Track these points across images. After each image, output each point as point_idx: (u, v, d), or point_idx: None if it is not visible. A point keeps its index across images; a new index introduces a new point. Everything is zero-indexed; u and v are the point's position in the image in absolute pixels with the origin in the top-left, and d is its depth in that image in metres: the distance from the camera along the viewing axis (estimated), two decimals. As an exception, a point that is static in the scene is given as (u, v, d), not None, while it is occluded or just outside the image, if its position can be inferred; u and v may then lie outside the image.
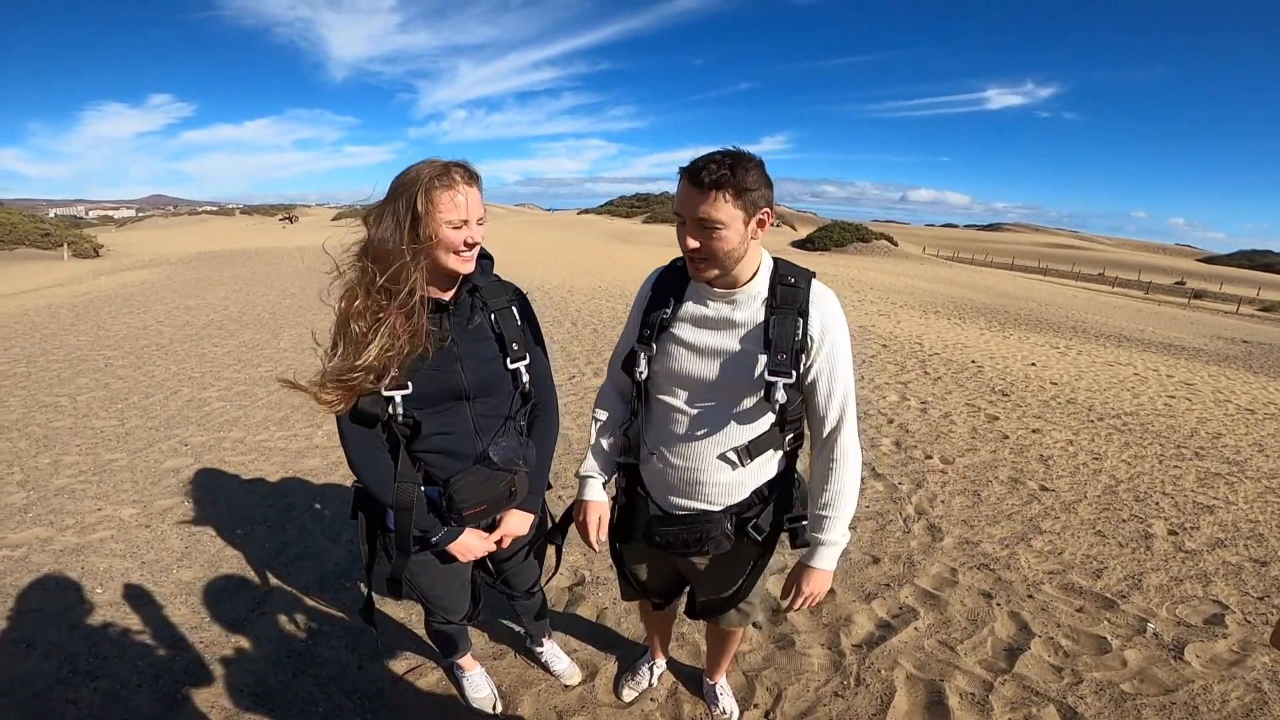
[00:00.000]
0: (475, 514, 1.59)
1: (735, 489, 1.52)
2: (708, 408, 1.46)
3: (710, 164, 1.25)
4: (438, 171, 1.35)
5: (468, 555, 1.64)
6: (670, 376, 1.48)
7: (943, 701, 2.23)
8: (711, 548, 1.53)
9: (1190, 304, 30.55)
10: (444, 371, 1.49)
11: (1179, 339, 13.54)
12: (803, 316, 1.38)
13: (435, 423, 1.52)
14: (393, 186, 1.37)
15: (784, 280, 1.41)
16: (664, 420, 1.51)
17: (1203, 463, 4.73)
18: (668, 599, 1.89)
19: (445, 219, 1.36)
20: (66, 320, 8.84)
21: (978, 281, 26.29)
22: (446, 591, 1.77)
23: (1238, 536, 3.54)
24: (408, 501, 1.51)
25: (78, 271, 17.69)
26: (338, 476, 3.94)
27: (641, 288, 1.56)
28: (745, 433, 1.46)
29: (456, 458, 1.56)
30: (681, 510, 1.55)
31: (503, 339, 1.58)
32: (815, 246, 41.20)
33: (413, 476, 1.52)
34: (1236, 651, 2.55)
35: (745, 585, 1.66)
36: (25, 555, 2.99)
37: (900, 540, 3.33)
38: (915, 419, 5.42)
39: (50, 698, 2.15)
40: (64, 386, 5.69)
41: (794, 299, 1.39)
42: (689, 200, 1.29)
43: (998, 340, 10.19)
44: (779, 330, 1.36)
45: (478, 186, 1.42)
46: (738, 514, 1.53)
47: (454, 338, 1.50)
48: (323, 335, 1.51)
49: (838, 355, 1.42)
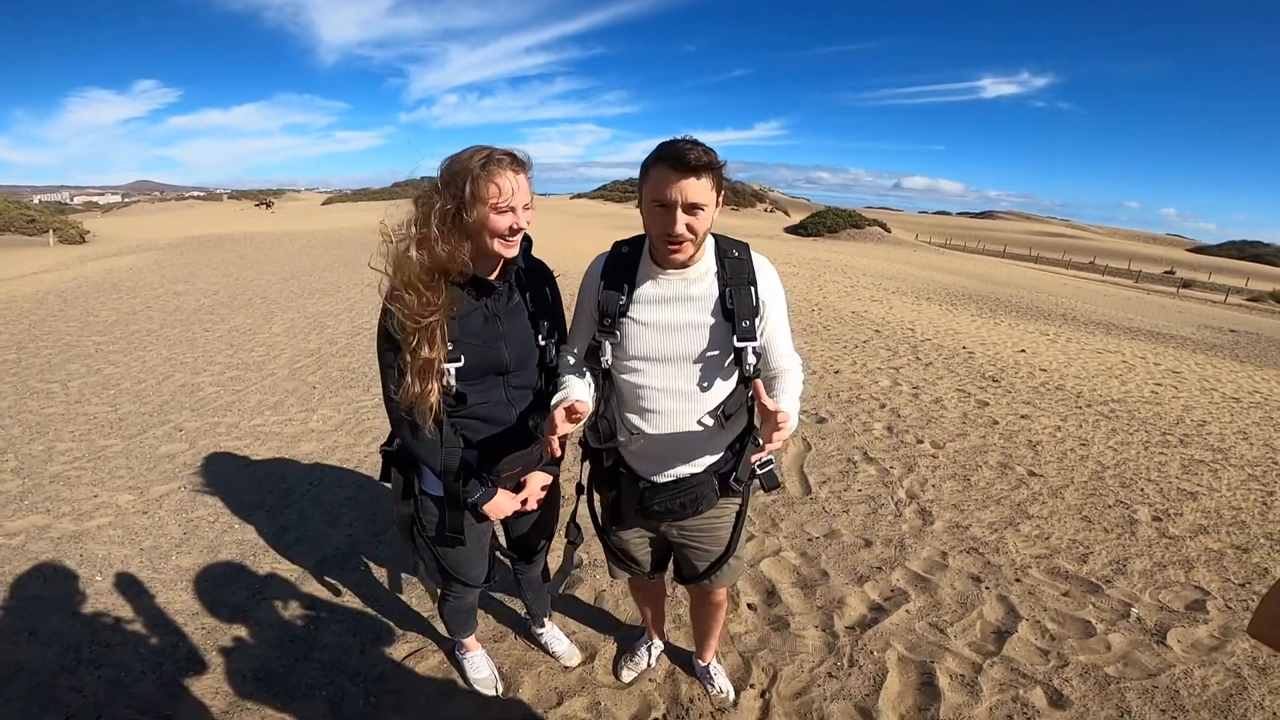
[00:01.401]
0: (510, 475, 1.73)
1: (713, 448, 1.62)
2: (678, 381, 1.54)
3: (693, 148, 1.33)
4: (486, 159, 1.42)
5: (499, 514, 1.73)
6: (638, 358, 1.55)
7: (933, 683, 2.28)
8: (705, 506, 1.65)
9: (1179, 293, 30.81)
10: (491, 348, 1.60)
11: (1167, 328, 13.68)
12: (753, 285, 1.51)
13: (476, 393, 1.63)
14: (444, 172, 1.44)
15: (728, 254, 1.53)
16: (637, 399, 1.58)
17: (1187, 450, 4.81)
18: (656, 570, 1.94)
19: (492, 204, 1.43)
20: (55, 306, 8.75)
21: (970, 269, 26.41)
22: (468, 557, 1.87)
23: (1220, 523, 3.61)
24: (453, 466, 1.63)
25: (64, 258, 17.49)
26: (334, 460, 3.95)
27: (588, 277, 1.62)
28: (717, 396, 1.55)
29: (492, 424, 1.67)
30: (670, 478, 1.63)
31: (536, 317, 1.68)
32: (809, 232, 41.21)
33: (455, 442, 1.62)
34: (1217, 637, 2.61)
35: (733, 539, 1.75)
36: (23, 543, 3.00)
37: (892, 524, 3.39)
38: (907, 404, 5.47)
39: (55, 686, 2.16)
40: (55, 373, 5.66)
41: (742, 270, 1.51)
42: (679, 184, 1.35)
43: (988, 327, 10.27)
44: (738, 301, 1.48)
45: (525, 174, 1.49)
46: (717, 471, 1.63)
47: (499, 315, 1.61)
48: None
49: (781, 310, 1.58)
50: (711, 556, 1.77)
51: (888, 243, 39.39)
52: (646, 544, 1.85)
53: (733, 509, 1.73)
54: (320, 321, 7.79)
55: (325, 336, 7.11)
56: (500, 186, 1.42)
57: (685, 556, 1.82)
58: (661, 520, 1.69)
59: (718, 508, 1.69)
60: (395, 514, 1.80)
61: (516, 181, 1.45)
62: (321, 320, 7.86)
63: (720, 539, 1.75)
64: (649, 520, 1.72)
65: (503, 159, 1.44)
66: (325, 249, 16.82)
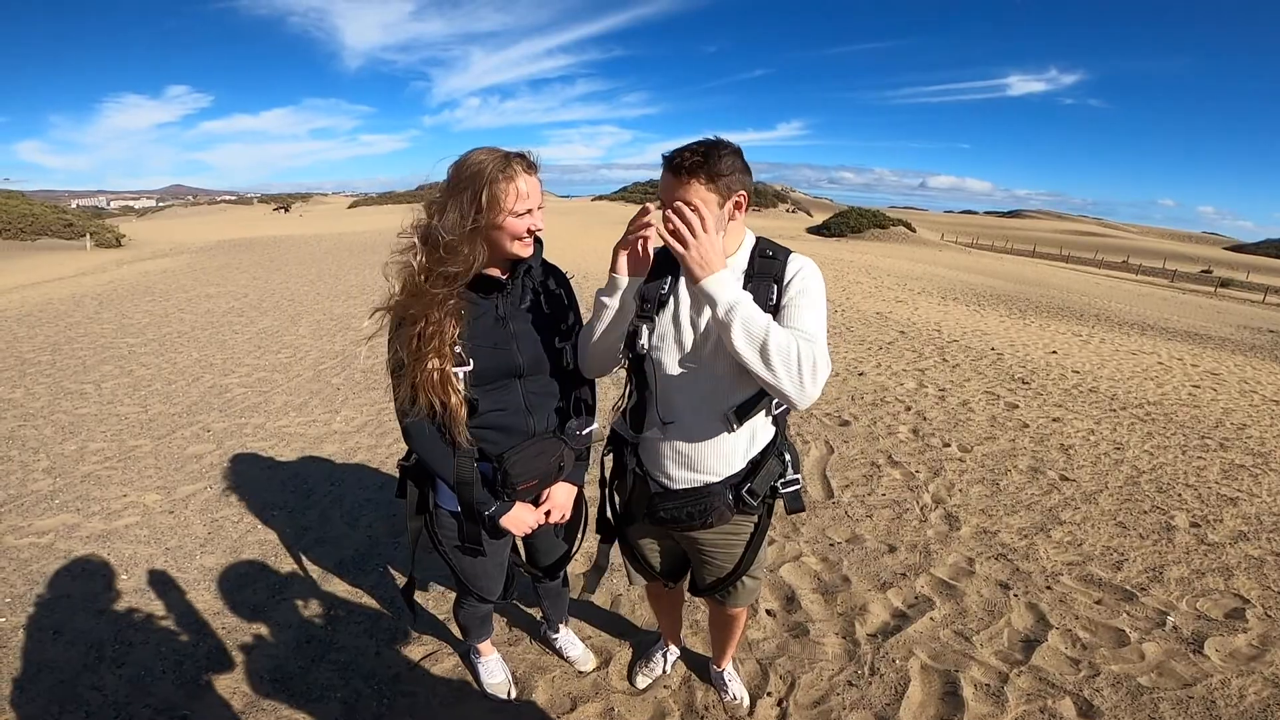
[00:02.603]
0: (528, 488, 1.66)
1: (732, 458, 1.56)
2: (701, 377, 1.50)
3: (685, 152, 1.35)
4: (501, 163, 1.40)
5: (520, 528, 1.69)
6: (669, 351, 1.52)
7: (957, 692, 2.22)
8: (715, 519, 1.59)
9: (1217, 293, 29.94)
10: (501, 349, 1.55)
11: (1205, 328, 13.29)
12: (777, 282, 1.45)
13: (490, 400, 1.58)
14: (455, 177, 1.42)
15: (763, 254, 1.49)
16: (664, 393, 1.55)
17: (1227, 454, 4.65)
18: (673, 578, 1.91)
19: (510, 208, 1.41)
20: (90, 309, 8.99)
21: (997, 268, 25.94)
22: (485, 571, 1.83)
23: (1260, 530, 3.48)
24: (467, 477, 1.58)
25: (100, 261, 17.96)
26: (356, 461, 3.98)
27: None
28: (735, 397, 1.50)
29: (509, 434, 1.61)
30: (682, 485, 1.59)
31: (552, 318, 1.64)
32: (832, 233, 40.78)
33: (469, 453, 1.58)
34: (1256, 646, 2.51)
35: (747, 557, 1.70)
36: (52, 542, 3.06)
37: (917, 529, 3.31)
38: (933, 406, 5.37)
39: (77, 684, 2.20)
40: (88, 374, 5.80)
41: (770, 268, 1.47)
42: (669, 187, 1.38)
43: (1018, 327, 10.06)
44: (755, 295, 1.41)
45: (537, 175, 1.48)
46: (734, 484, 1.58)
47: (509, 316, 1.57)
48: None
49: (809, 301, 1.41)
50: (721, 572, 1.73)
51: (913, 242, 38.84)
52: (657, 550, 1.82)
53: (748, 527, 1.68)
54: (345, 323, 7.89)
55: (350, 338, 7.19)
56: (519, 189, 1.41)
57: (698, 567, 1.79)
58: (668, 528, 1.66)
59: (732, 524, 1.65)
60: (408, 529, 1.76)
61: (531, 183, 1.44)
62: (346, 322, 7.96)
63: (732, 555, 1.70)
64: (656, 526, 1.69)
65: (518, 161, 1.42)
66: (351, 252, 17.09)
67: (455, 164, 1.43)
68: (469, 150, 1.45)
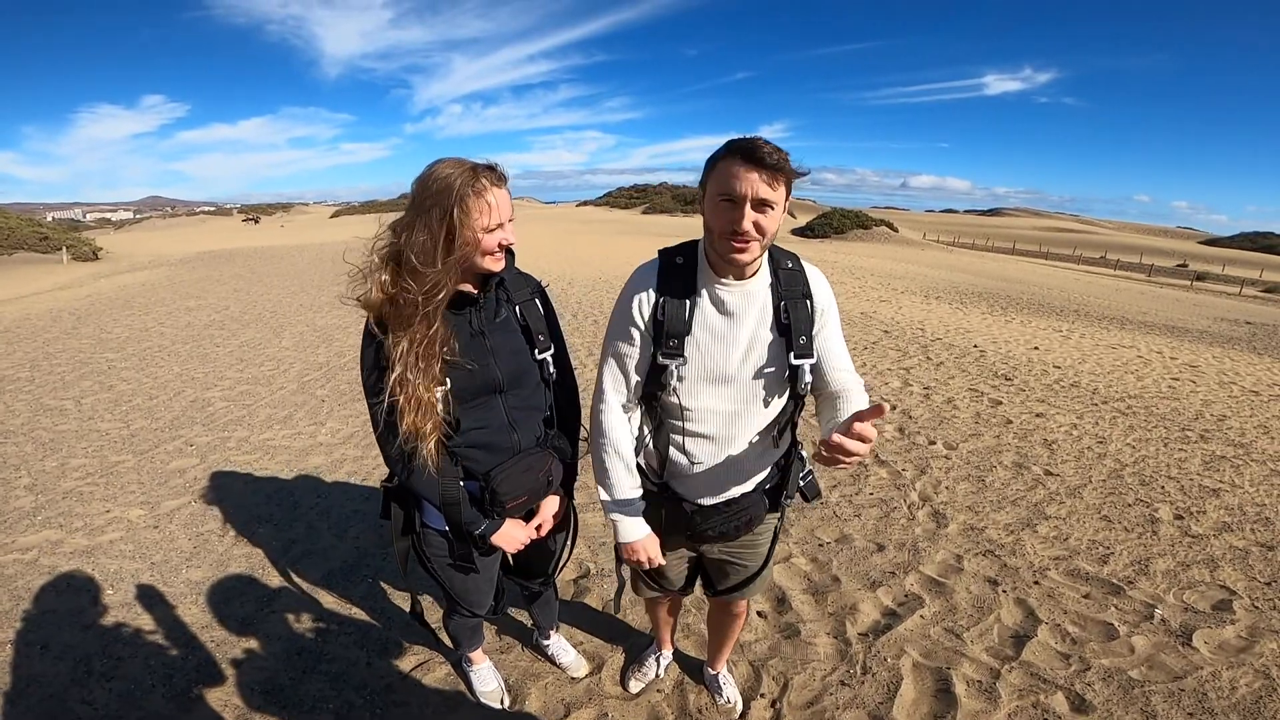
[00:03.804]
0: (517, 505, 1.62)
1: (763, 466, 1.57)
2: (735, 401, 1.46)
3: (768, 147, 1.24)
4: (469, 178, 1.33)
5: (513, 545, 1.65)
6: (699, 378, 1.44)
7: (950, 689, 2.23)
8: (756, 525, 1.61)
9: (1193, 286, 30.43)
10: (480, 365, 1.50)
11: (1182, 321, 13.50)
12: (808, 299, 1.44)
13: (472, 417, 1.53)
14: (421, 194, 1.34)
15: (782, 265, 1.45)
16: (692, 423, 1.48)
17: (1208, 446, 4.72)
18: (690, 588, 1.89)
19: (480, 225, 1.35)
20: (68, 324, 8.85)
21: (979, 266, 26.22)
22: (476, 586, 1.80)
23: (1244, 520, 3.53)
24: (454, 497, 1.54)
25: (77, 275, 17.70)
26: (342, 474, 3.95)
27: (634, 294, 1.45)
28: (769, 415, 1.49)
29: (494, 451, 1.57)
30: (721, 499, 1.57)
31: (529, 330, 1.60)
32: (815, 234, 41.06)
33: (454, 473, 1.54)
34: (1245, 638, 2.54)
35: (770, 553, 1.73)
36: (36, 558, 3.01)
37: (905, 527, 3.34)
38: (918, 405, 5.41)
39: (66, 699, 2.17)
40: (68, 390, 5.71)
41: (796, 282, 1.44)
42: (749, 178, 1.25)
43: (1000, 324, 10.17)
44: (795, 315, 1.40)
45: (506, 186, 1.41)
46: (765, 488, 1.59)
47: (484, 331, 1.52)
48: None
49: (836, 324, 1.50)
50: (749, 571, 1.74)
51: (895, 242, 39.19)
52: (685, 564, 1.79)
53: (773, 522, 1.70)
54: (329, 335, 7.83)
55: (334, 350, 7.13)
56: (489, 204, 1.35)
57: (722, 572, 1.77)
58: (714, 543, 1.65)
59: (764, 523, 1.67)
60: (395, 549, 1.72)
61: (501, 196, 1.38)
62: (330, 333, 7.90)
63: (760, 554, 1.72)
64: (698, 543, 1.66)
65: (487, 174, 1.35)
66: (334, 262, 16.94)
67: (420, 179, 1.35)
68: (433, 163, 1.35)
